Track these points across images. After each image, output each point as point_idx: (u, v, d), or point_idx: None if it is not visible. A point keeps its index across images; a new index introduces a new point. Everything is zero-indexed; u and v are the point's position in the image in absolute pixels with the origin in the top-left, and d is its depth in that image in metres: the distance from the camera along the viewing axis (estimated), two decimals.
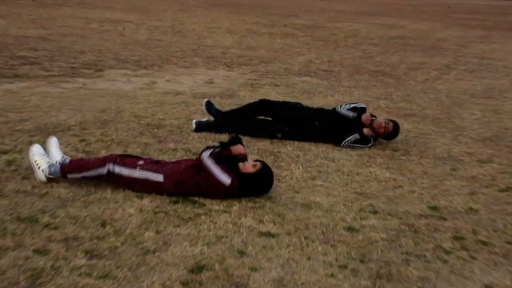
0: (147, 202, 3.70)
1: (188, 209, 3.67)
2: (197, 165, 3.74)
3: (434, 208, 3.97)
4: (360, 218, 3.72)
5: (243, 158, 3.84)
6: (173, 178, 3.72)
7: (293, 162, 4.75)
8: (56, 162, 3.85)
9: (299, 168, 4.61)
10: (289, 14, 19.39)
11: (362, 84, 8.40)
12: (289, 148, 5.10)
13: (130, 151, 4.64)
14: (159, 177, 3.74)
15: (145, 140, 5.00)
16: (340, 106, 5.24)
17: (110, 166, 3.77)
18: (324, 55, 11.00)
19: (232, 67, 9.14)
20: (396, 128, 5.29)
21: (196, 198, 3.79)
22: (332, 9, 23.09)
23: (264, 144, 5.13)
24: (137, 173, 3.76)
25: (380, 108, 6.95)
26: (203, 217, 3.56)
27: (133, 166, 3.77)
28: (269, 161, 4.73)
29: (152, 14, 16.49)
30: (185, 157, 4.52)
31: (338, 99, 7.16)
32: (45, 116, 5.47)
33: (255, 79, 8.22)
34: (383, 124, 5.18)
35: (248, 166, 3.80)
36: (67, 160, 3.88)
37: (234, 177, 3.69)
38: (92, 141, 4.84)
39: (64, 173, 3.81)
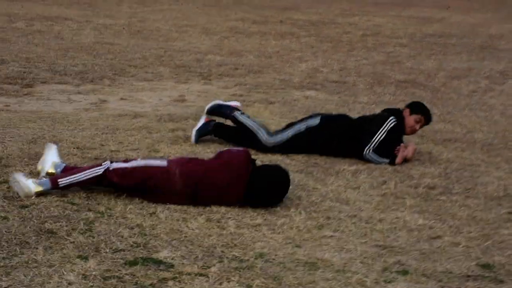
0: (93, 264, 3.73)
1: (149, 272, 3.70)
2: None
3: (486, 266, 4.02)
4: (385, 281, 3.76)
5: None
6: (179, 160, 4.75)
7: (292, 205, 4.80)
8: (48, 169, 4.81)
9: (300, 213, 4.67)
10: (286, 7, 19.60)
11: (386, 99, 8.53)
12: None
13: (71, 195, 4.67)
14: (162, 163, 4.67)
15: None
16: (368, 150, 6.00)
17: (108, 163, 4.67)
18: (335, 61, 11.15)
19: (210, 79, 9.26)
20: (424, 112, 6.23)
21: (162, 257, 3.83)
22: None
23: None
24: (138, 162, 4.68)
25: None
26: (170, 283, 3.60)
27: (133, 159, 4.79)
28: None
29: (100, 8, 16.69)
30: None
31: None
32: None
33: (241, 95, 8.34)
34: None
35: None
36: (62, 166, 4.85)
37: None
38: None
39: (54, 181, 4.62)
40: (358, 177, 5.55)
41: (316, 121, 6.11)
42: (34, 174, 5.01)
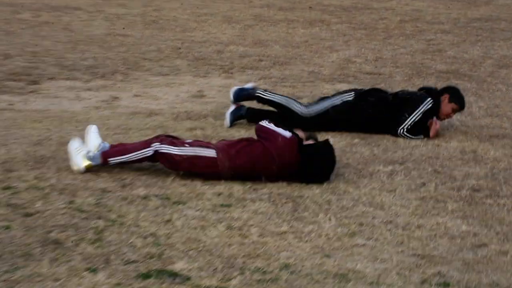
0: (103, 277, 3.75)
1: (164, 285, 3.71)
2: (251, 139, 5.39)
3: None
4: None
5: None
6: (227, 151, 5.20)
7: (321, 211, 4.80)
8: (95, 149, 5.28)
9: (330, 219, 4.66)
10: None
11: None
12: (316, 190, 5.17)
13: (79, 202, 4.71)
14: (211, 153, 5.20)
15: (102, 185, 5.10)
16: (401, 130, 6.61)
17: (157, 145, 5.21)
18: (369, 50, 11.10)
19: (231, 73, 9.26)
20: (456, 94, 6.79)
21: (178, 269, 3.84)
22: None
23: (279, 186, 5.21)
24: (187, 150, 5.21)
25: (453, 126, 7.00)
26: None
27: (181, 144, 5.28)
28: (285, 210, 4.78)
29: None
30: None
31: None
32: None
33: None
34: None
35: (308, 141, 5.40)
36: (107, 145, 5.33)
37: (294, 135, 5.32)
38: (21, 189, 4.93)
39: (105, 158, 5.24)
40: (394, 178, 5.52)
41: (350, 95, 6.72)
42: (39, 180, 5.05)
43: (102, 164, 5.28)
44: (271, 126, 5.40)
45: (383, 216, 4.76)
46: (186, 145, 5.29)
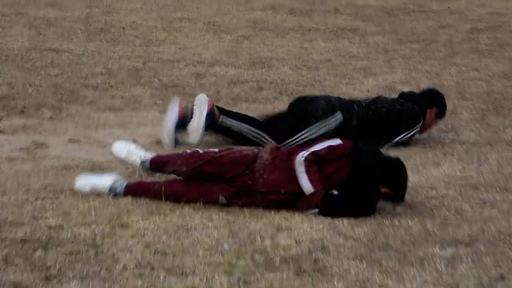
0: None
1: None
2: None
3: None
4: None
5: None
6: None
7: None
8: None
9: None
10: None
11: (508, 138, 8.55)
12: (339, 284, 5.18)
13: None
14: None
15: (15, 278, 5.07)
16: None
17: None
18: (423, 73, 11.16)
19: (217, 107, 9.23)
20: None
21: None
22: None
23: None
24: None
25: None
26: None
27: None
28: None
29: None
30: None
31: (452, 171, 7.31)
32: None
33: None
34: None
35: None
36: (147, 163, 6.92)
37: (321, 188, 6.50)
38: None
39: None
40: (457, 268, 5.52)
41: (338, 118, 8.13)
42: None
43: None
44: (320, 145, 6.62)
45: None
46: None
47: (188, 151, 6.80)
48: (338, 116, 8.06)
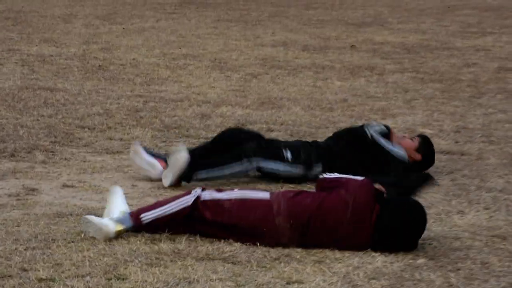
0: None
1: None
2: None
3: None
4: None
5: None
6: (284, 193, 6.82)
7: None
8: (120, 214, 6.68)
9: None
10: (363, 21, 19.71)
11: None
12: None
13: None
14: (264, 195, 6.74)
15: None
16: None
17: (199, 191, 6.68)
18: (447, 115, 11.18)
19: None
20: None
21: None
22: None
23: None
24: (235, 194, 6.76)
25: None
26: None
27: (229, 190, 6.92)
28: None
29: (34, 27, 16.89)
30: None
31: (478, 220, 7.34)
32: None
33: None
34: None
35: None
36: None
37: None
38: None
39: (136, 217, 6.60)
40: None
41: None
42: None
43: (134, 226, 6.61)
44: (336, 174, 6.83)
45: None
46: (235, 189, 6.97)
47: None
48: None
